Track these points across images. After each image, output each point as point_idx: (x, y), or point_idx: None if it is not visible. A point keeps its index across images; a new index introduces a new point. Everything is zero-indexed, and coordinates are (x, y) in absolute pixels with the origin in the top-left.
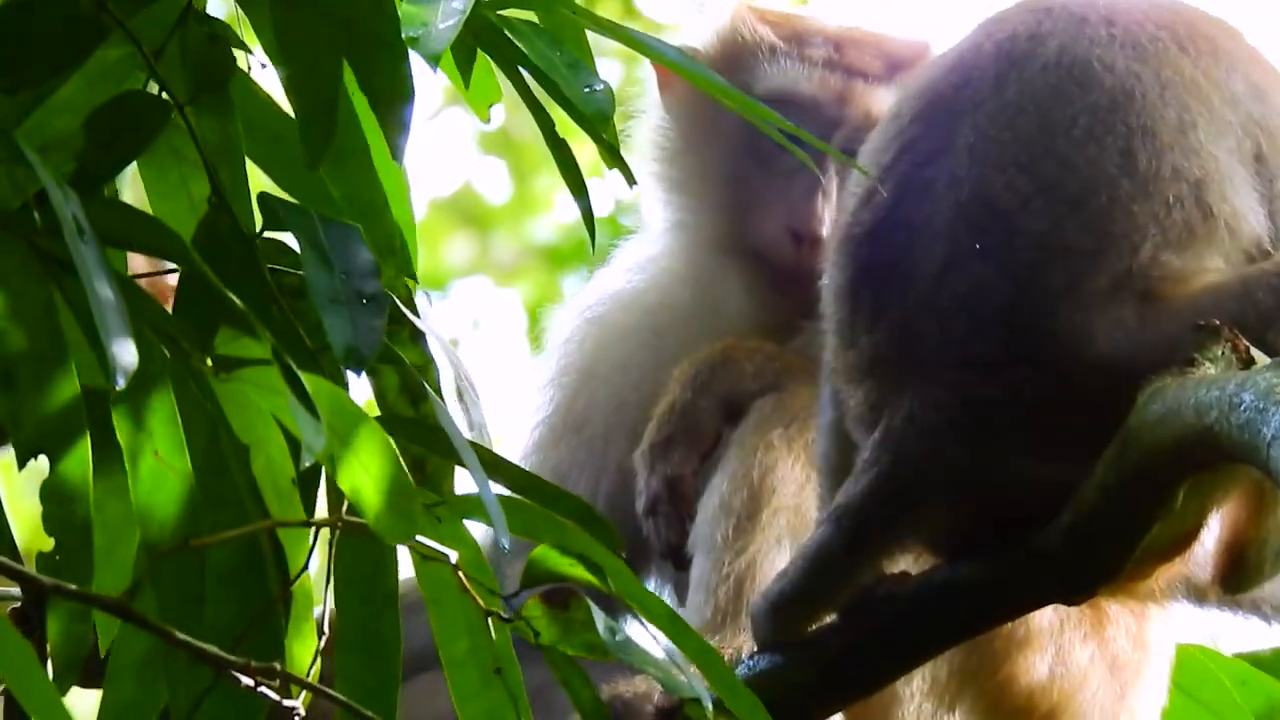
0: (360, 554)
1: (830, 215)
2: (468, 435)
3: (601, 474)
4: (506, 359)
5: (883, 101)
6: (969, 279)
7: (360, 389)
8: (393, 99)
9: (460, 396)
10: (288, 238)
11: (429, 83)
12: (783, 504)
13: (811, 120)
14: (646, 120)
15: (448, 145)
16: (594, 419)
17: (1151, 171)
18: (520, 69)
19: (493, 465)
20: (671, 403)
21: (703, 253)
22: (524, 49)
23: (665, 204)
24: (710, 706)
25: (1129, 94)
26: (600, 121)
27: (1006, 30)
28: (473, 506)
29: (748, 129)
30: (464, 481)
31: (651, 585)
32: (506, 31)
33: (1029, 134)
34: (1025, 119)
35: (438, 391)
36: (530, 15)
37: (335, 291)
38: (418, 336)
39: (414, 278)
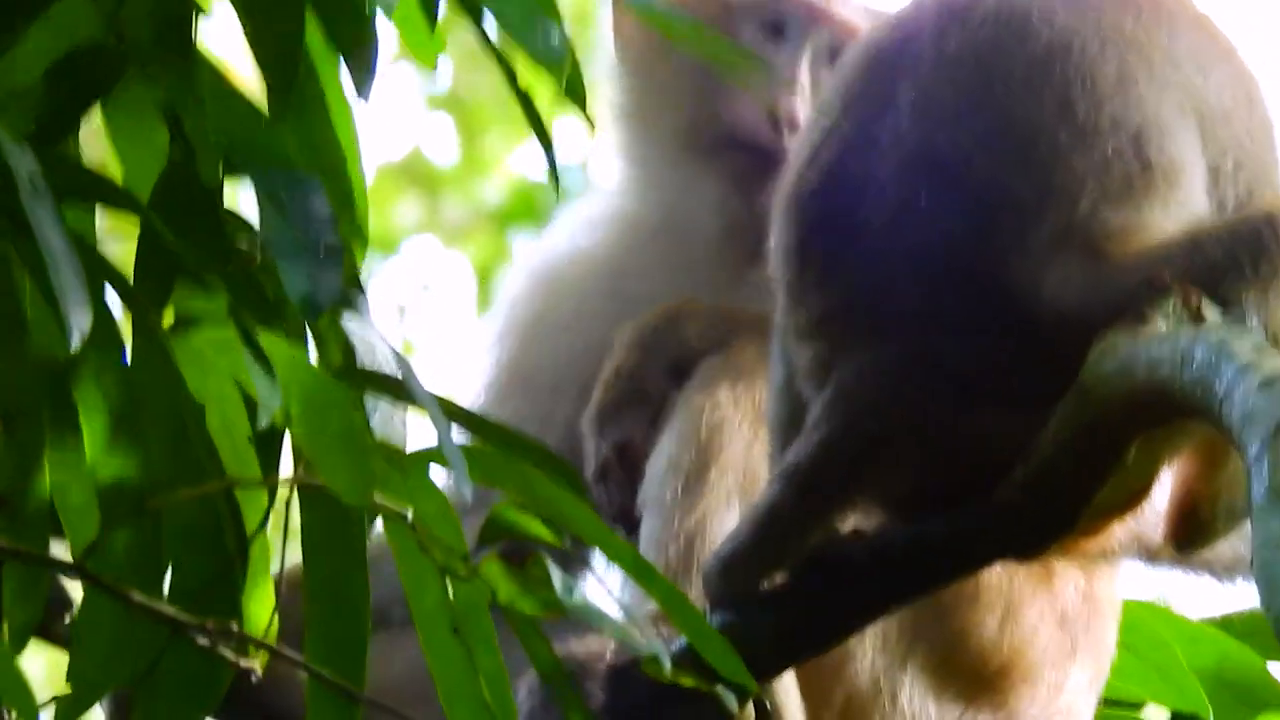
0: (327, 513)
1: (807, 106)
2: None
3: (549, 432)
4: (456, 320)
5: (864, 16)
6: (916, 235)
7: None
8: (357, 41)
9: (397, 365)
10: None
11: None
12: (731, 462)
13: (792, 13)
14: (599, 51)
15: (396, 107)
16: (541, 375)
17: (1090, 123)
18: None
19: (453, 414)
20: (617, 366)
21: (668, 167)
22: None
23: (626, 129)
24: (668, 664)
25: (1067, 46)
26: (555, 67)
27: None
28: (435, 456)
29: (722, 26)
30: (421, 441)
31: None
32: None
33: (969, 87)
34: (965, 72)
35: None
36: None
37: (292, 241)
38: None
39: (364, 240)
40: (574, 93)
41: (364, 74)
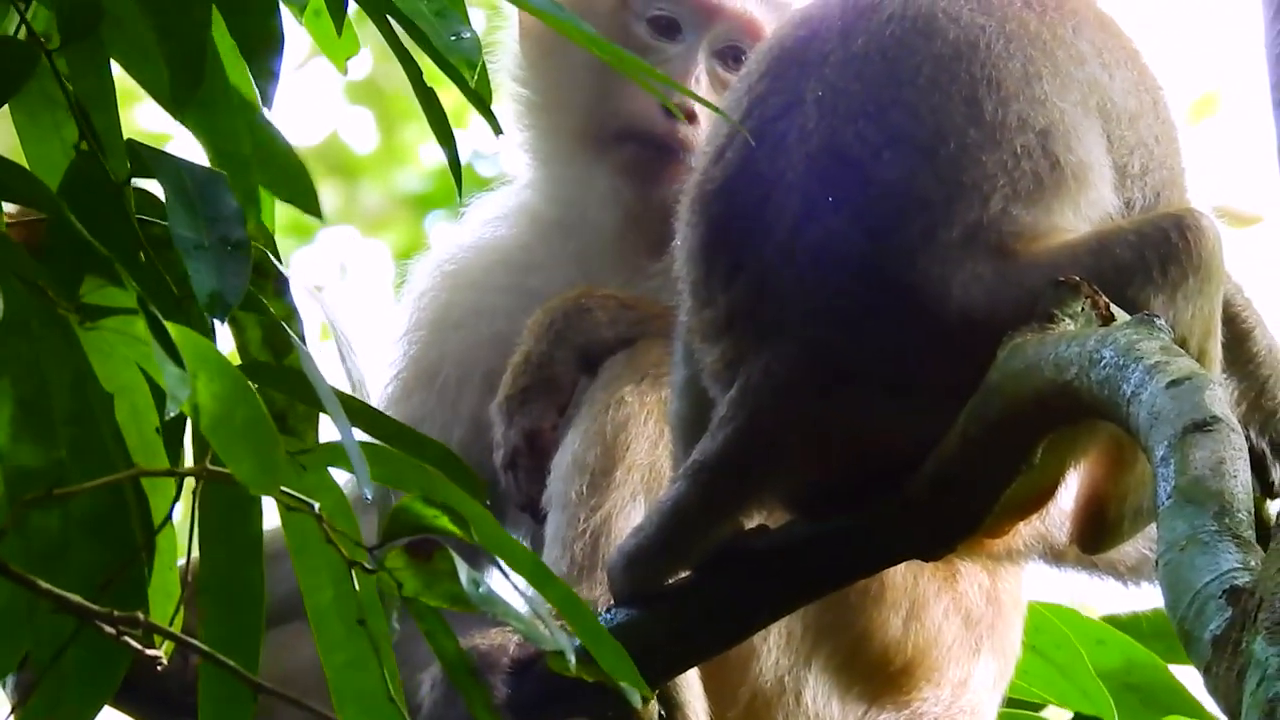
0: (225, 503)
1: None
2: (348, 390)
3: (454, 424)
4: (374, 308)
5: (761, 12)
6: (824, 232)
7: (226, 341)
8: (262, 46)
9: (341, 356)
10: (158, 190)
11: (297, 32)
12: (636, 461)
13: (686, 9)
14: (507, 49)
15: (315, 95)
16: (446, 369)
17: (997, 120)
18: (388, 17)
19: (356, 413)
20: (527, 354)
21: (567, 160)
22: None
23: (530, 123)
24: (573, 658)
25: (973, 44)
26: (466, 68)
27: None
28: (337, 454)
29: (618, 27)
30: (330, 433)
31: None
32: None
33: (876, 84)
34: (872, 69)
35: (301, 337)
36: None
37: (200, 238)
38: (282, 288)
39: (319, 214)
40: (477, 96)
41: (267, 80)
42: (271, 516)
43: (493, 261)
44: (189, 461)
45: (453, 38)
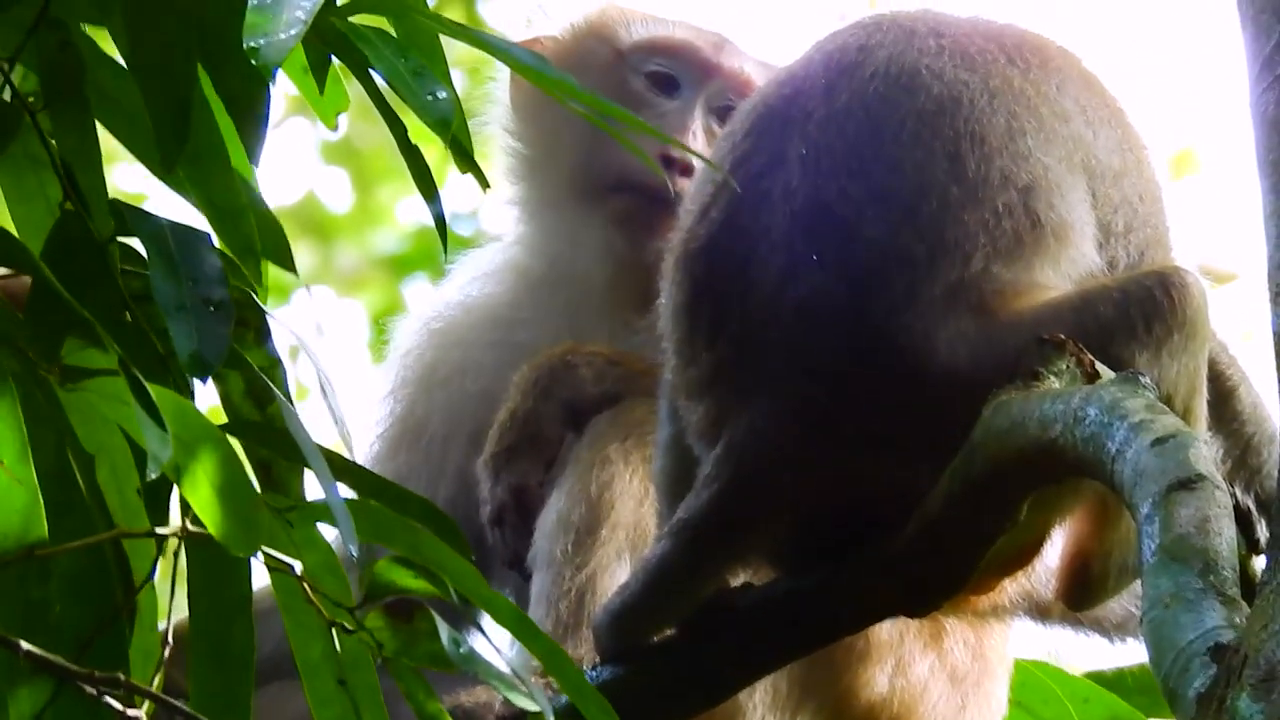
0: (213, 562)
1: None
2: (334, 429)
3: (440, 481)
4: (349, 369)
5: (755, 70)
6: (808, 289)
7: (207, 393)
8: (248, 103)
9: (323, 392)
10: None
11: (274, 90)
12: (621, 519)
13: (685, 67)
14: (497, 109)
15: (291, 154)
16: (432, 426)
17: (980, 177)
18: (372, 75)
19: (341, 469)
20: (513, 410)
21: (559, 213)
22: (370, 56)
23: (520, 177)
24: (552, 718)
25: (956, 100)
26: (442, 128)
27: (836, 43)
28: (322, 511)
29: (616, 81)
30: (315, 487)
31: None
32: (353, 38)
33: (859, 141)
34: (855, 126)
35: (285, 394)
36: (381, 21)
37: (181, 299)
38: (264, 338)
39: (294, 270)
40: (461, 151)
41: (254, 135)
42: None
43: (479, 318)
44: (177, 519)
45: (429, 96)
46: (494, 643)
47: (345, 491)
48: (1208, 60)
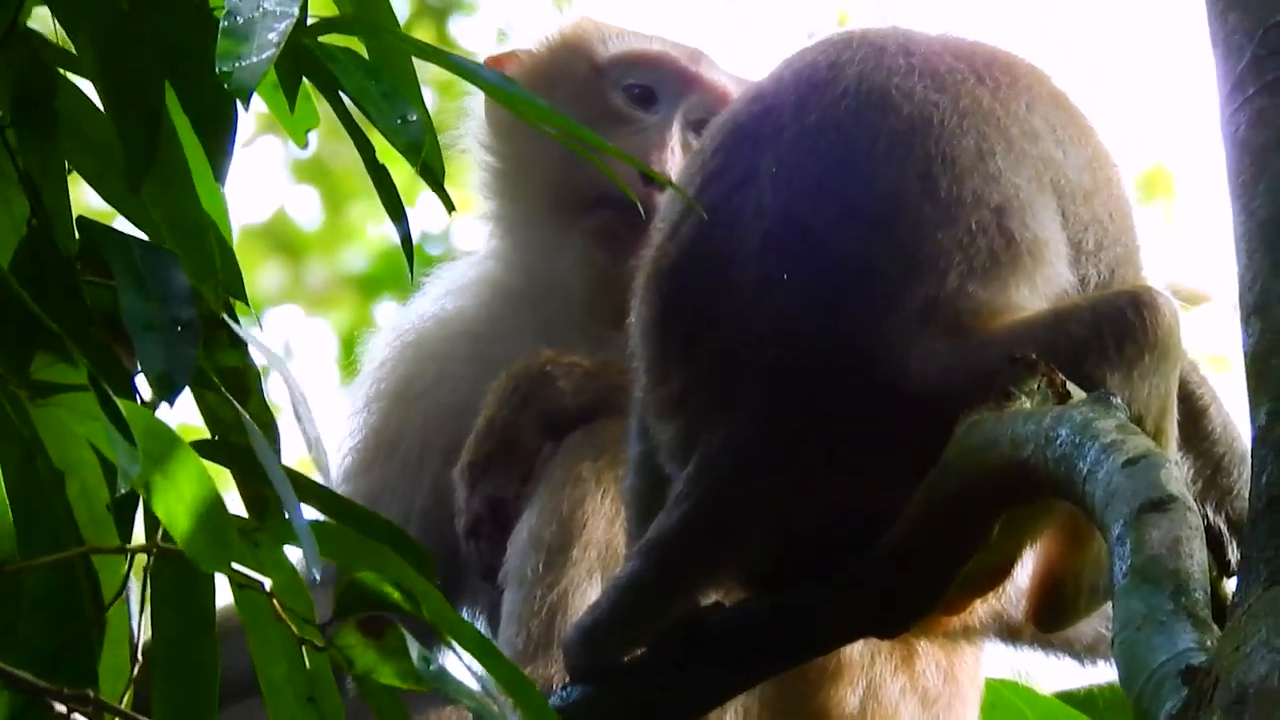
0: (177, 579)
1: (678, 169)
2: (305, 449)
3: (415, 493)
4: (318, 387)
5: (732, 84)
6: (780, 307)
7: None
8: (215, 123)
9: (296, 412)
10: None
11: (244, 109)
12: (593, 538)
13: (663, 81)
14: (472, 123)
15: (261, 172)
16: (407, 439)
17: (952, 196)
18: (340, 95)
19: (306, 490)
20: (490, 419)
21: (538, 228)
22: (340, 77)
23: (497, 192)
24: None
25: (927, 120)
26: (412, 152)
27: (806, 60)
28: (288, 531)
29: (593, 95)
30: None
31: (465, 612)
32: (323, 59)
33: (831, 159)
34: (827, 144)
35: (262, 399)
36: (352, 41)
37: (150, 318)
38: (238, 342)
39: (245, 301)
40: (431, 175)
41: (221, 155)
42: (227, 591)
43: (454, 332)
44: (141, 537)
45: (399, 120)
46: (464, 660)
47: (311, 513)
48: (1181, 79)
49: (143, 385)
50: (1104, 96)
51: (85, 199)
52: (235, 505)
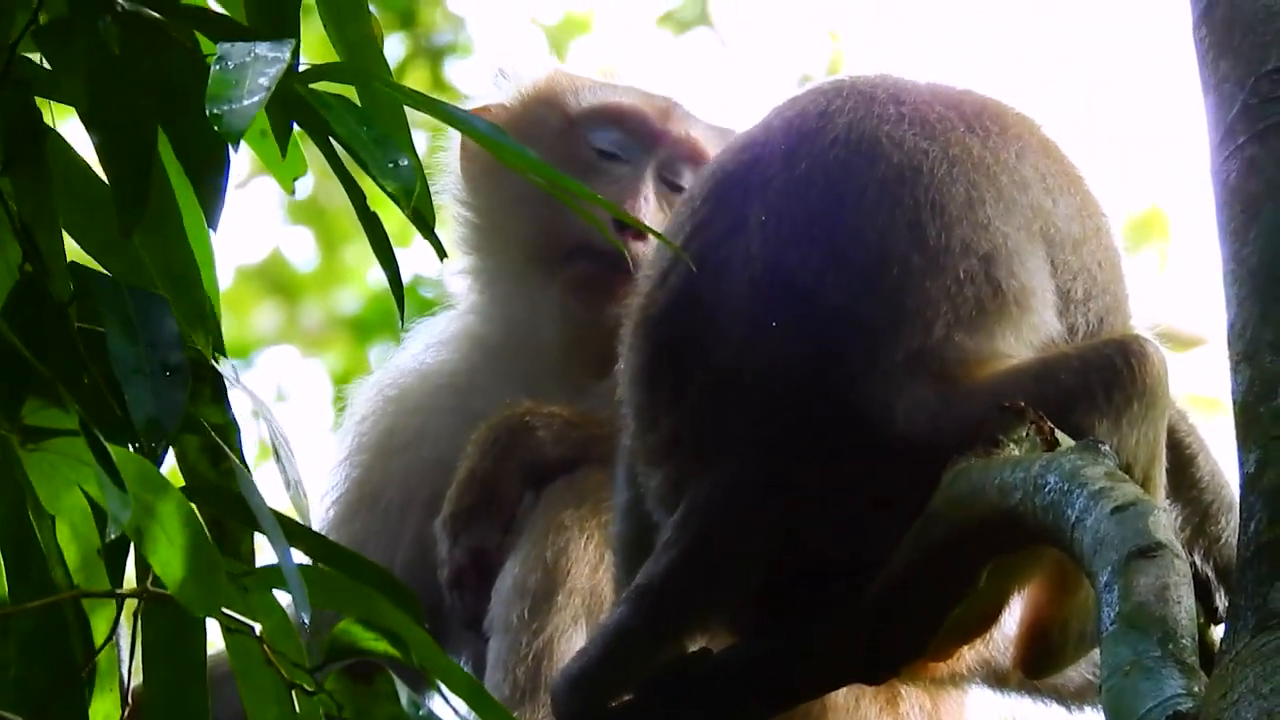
0: (168, 624)
1: (652, 219)
2: (285, 491)
3: (398, 545)
4: (312, 429)
5: (705, 135)
6: (767, 357)
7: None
8: (208, 167)
9: (276, 454)
10: None
11: (240, 150)
12: (577, 585)
13: (634, 133)
14: (448, 178)
15: (256, 213)
16: (390, 491)
17: (941, 245)
18: (331, 141)
19: (295, 534)
20: (471, 469)
21: (514, 280)
22: (332, 123)
23: (473, 245)
24: None
25: (916, 169)
26: (403, 196)
27: (796, 109)
28: (278, 577)
29: (566, 147)
30: (268, 553)
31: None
32: (315, 105)
33: (820, 208)
34: (815, 193)
35: (239, 454)
36: (344, 88)
37: (139, 362)
38: (220, 397)
39: (222, 352)
40: (422, 221)
41: (213, 200)
42: (217, 637)
43: (435, 385)
44: (132, 581)
45: (390, 164)
46: (453, 705)
47: (300, 557)
48: (1177, 122)
49: None
50: (1100, 139)
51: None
52: None
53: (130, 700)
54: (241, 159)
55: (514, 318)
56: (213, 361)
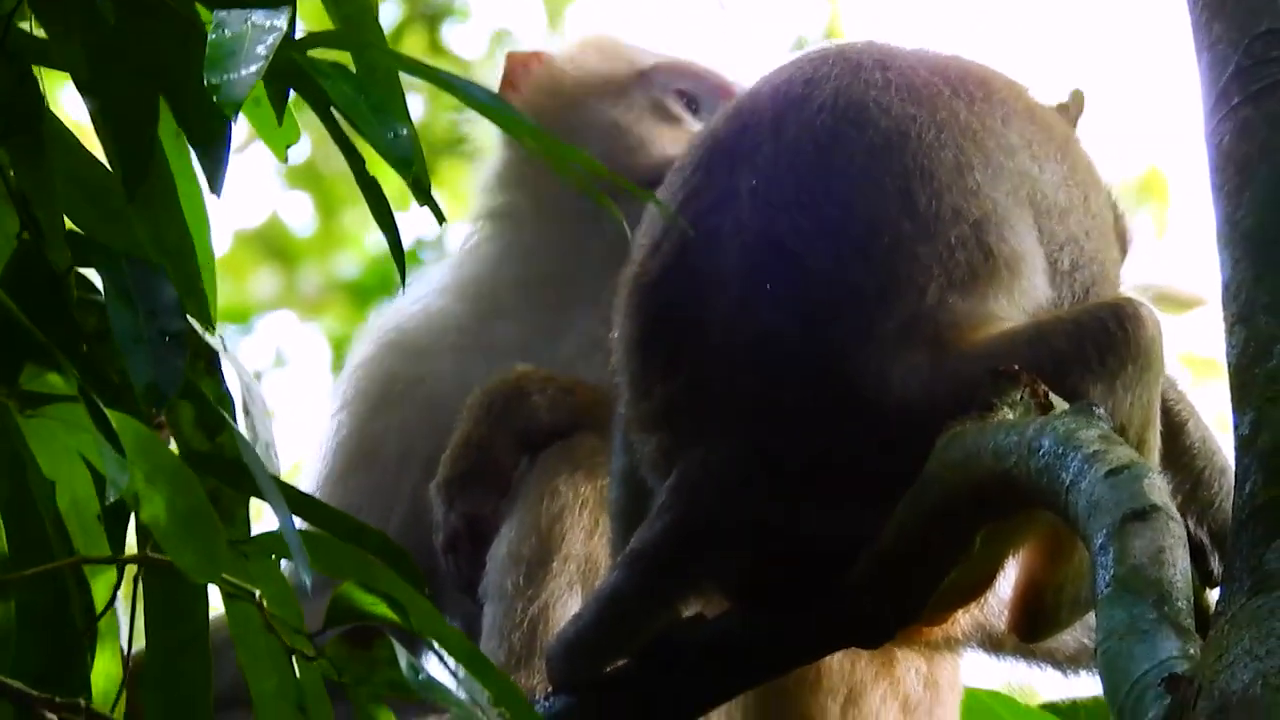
0: (168, 591)
1: None
2: (257, 452)
3: (395, 502)
4: (310, 393)
5: None
6: (761, 324)
7: None
8: (209, 134)
9: (246, 411)
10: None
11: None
12: (572, 551)
13: (705, 88)
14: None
15: (254, 178)
16: (388, 445)
17: (931, 212)
18: (330, 108)
19: (295, 501)
20: (466, 435)
21: (571, 218)
22: (329, 91)
23: (518, 185)
24: None
25: (905, 135)
26: (403, 166)
27: (783, 76)
28: (277, 543)
29: (634, 98)
30: (264, 518)
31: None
32: (312, 73)
33: (809, 175)
34: (804, 160)
35: (233, 430)
36: (341, 55)
37: (137, 330)
38: (214, 369)
39: (212, 325)
40: (420, 189)
41: (216, 166)
42: (218, 603)
43: (443, 327)
44: (132, 547)
45: (389, 135)
46: (452, 669)
47: (300, 525)
48: (1175, 83)
49: None
50: (1098, 100)
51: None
52: None
53: (131, 666)
54: (239, 124)
55: (560, 255)
56: (204, 335)
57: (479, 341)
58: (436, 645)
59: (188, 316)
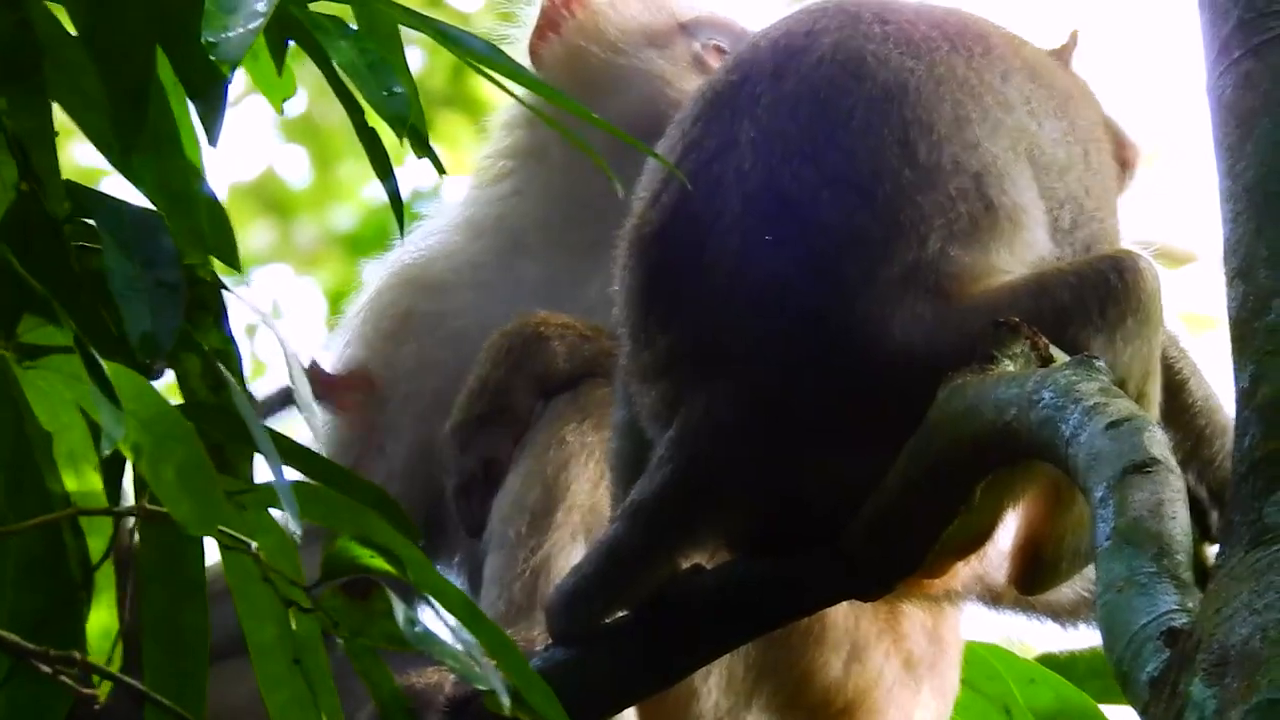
0: (165, 543)
1: None
2: (300, 413)
3: (402, 439)
4: (305, 346)
5: None
6: (762, 274)
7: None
8: (207, 85)
9: (291, 376)
10: None
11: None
12: (577, 501)
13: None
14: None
15: (250, 130)
16: (400, 379)
17: (932, 162)
18: (329, 58)
19: (289, 452)
20: (483, 379)
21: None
22: (327, 47)
23: (534, 123)
24: (507, 698)
25: (903, 87)
26: (398, 124)
27: (781, 29)
28: (275, 495)
29: (675, 49)
30: (266, 471)
31: (444, 571)
32: (310, 27)
33: (810, 124)
34: (804, 110)
35: (238, 377)
36: (340, 9)
37: (134, 280)
38: (220, 321)
39: (236, 264)
40: (418, 139)
41: (213, 117)
42: (215, 554)
43: (463, 260)
44: (129, 500)
45: (385, 92)
46: (448, 621)
47: (294, 475)
48: (1173, 38)
49: None
50: (1093, 55)
51: (75, 160)
52: None
53: (127, 618)
54: (235, 76)
55: (586, 195)
56: (214, 275)
57: (501, 280)
58: (431, 599)
59: (206, 264)
